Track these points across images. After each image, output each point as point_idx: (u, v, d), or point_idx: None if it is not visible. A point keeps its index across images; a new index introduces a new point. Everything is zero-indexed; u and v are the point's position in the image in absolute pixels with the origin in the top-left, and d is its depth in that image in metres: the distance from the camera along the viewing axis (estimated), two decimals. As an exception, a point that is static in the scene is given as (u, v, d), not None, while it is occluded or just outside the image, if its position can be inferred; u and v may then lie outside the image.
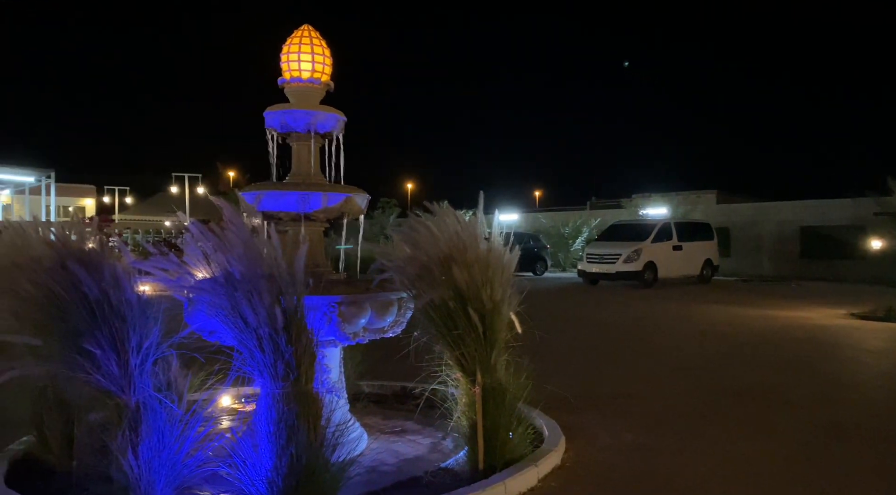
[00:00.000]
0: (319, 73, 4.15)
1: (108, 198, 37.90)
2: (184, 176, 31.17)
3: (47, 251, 3.20)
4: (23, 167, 24.07)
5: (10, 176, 24.24)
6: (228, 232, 3.22)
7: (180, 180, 31.50)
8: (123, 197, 38.51)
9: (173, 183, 32.27)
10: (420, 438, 4.38)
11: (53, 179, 24.52)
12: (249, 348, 3.12)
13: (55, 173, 24.64)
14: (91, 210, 37.14)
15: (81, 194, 37.45)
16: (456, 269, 3.53)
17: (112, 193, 37.65)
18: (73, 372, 3.12)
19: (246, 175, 23.67)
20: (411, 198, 43.91)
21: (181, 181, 31.39)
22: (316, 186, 4.07)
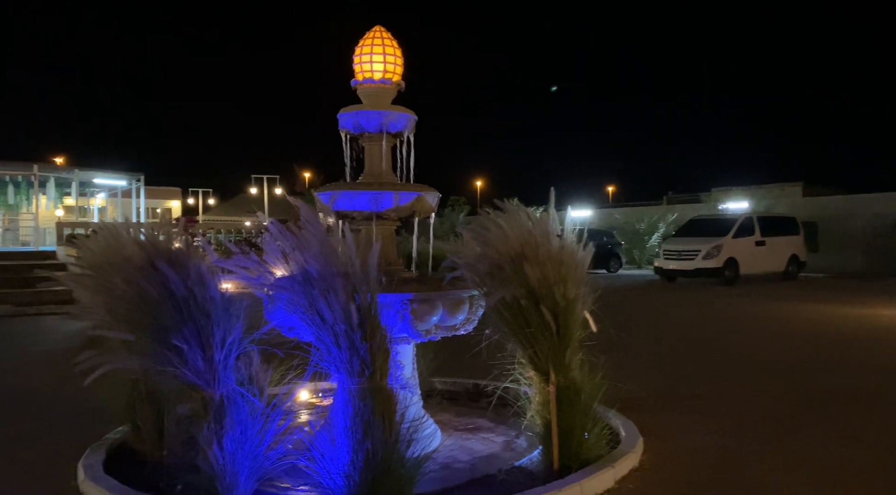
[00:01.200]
0: (391, 74, 4.20)
1: (193, 200, 39.76)
2: (262, 177, 32.36)
3: (138, 251, 3.37)
4: (116, 172, 25.58)
5: (104, 180, 25.80)
6: (305, 231, 3.30)
7: (259, 182, 32.75)
8: (206, 198, 40.31)
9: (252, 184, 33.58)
10: (493, 436, 4.37)
11: (143, 183, 25.94)
12: (326, 344, 3.19)
13: (144, 177, 26.08)
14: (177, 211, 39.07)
15: (168, 196, 39.47)
16: (528, 267, 3.49)
17: (196, 195, 39.48)
18: (163, 366, 3.28)
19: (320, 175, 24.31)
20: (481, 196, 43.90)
21: (260, 182, 32.64)
22: (388, 186, 4.12)
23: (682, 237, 18.40)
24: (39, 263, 16.28)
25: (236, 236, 20.37)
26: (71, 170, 24.07)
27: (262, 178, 32.69)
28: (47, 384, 6.22)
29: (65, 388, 5.81)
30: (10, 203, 25.14)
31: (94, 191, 28.80)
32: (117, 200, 29.73)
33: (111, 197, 30.36)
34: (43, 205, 24.18)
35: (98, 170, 24.77)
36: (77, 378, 3.45)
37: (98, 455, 3.76)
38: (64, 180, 24.52)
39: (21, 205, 25.49)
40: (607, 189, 51.31)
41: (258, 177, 32.98)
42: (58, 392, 5.76)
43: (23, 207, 25.55)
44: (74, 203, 27.04)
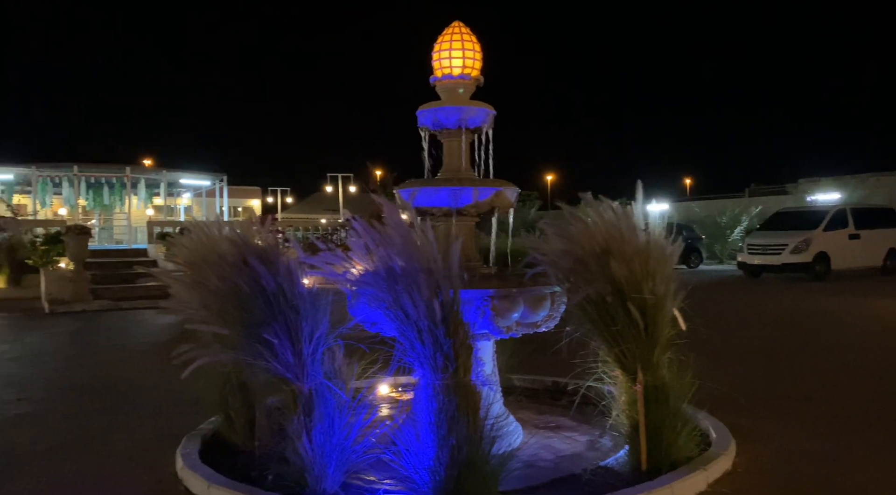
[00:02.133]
0: (470, 69, 4.18)
1: (272, 199, 41.15)
2: (337, 176, 33.12)
3: (231, 248, 3.49)
4: (201, 172, 26.79)
5: (190, 180, 27.06)
6: (388, 228, 3.34)
7: (334, 180, 33.53)
8: (284, 197, 41.64)
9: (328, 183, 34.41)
10: (576, 435, 4.29)
11: (226, 182, 27.05)
12: (410, 340, 3.21)
13: (227, 177, 27.18)
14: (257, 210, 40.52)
15: (248, 195, 40.97)
16: (614, 263, 3.40)
17: (275, 194, 40.85)
18: (255, 359, 3.39)
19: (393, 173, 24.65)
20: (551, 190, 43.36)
21: (335, 181, 33.40)
22: (467, 182, 4.11)
23: (768, 230, 17.56)
24: (132, 260, 17.25)
25: (314, 233, 20.90)
26: (160, 172, 25.38)
27: (336, 177, 33.47)
28: (143, 375, 6.57)
29: (159, 379, 6.11)
30: (106, 203, 26.73)
31: (180, 190, 30.26)
32: (202, 200, 31.14)
33: (196, 196, 31.81)
34: (134, 205, 25.61)
35: (184, 171, 26.01)
36: (170, 369, 3.62)
37: (194, 444, 3.92)
38: (153, 181, 25.87)
39: (115, 205, 27.06)
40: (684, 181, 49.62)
41: (333, 175, 33.82)
42: (153, 382, 6.07)
43: (116, 207, 27.14)
44: (163, 203, 28.47)
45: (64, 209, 26.06)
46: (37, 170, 23.12)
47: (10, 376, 6.51)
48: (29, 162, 23.21)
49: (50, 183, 24.35)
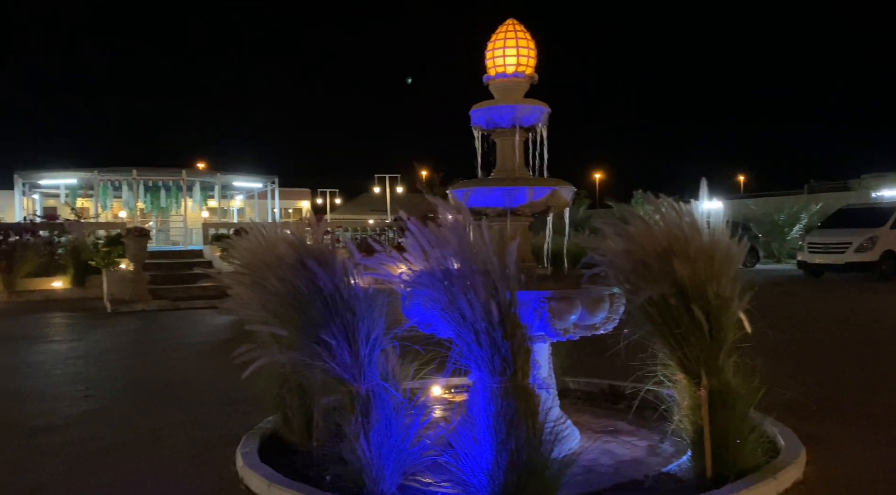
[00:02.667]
0: (524, 67, 4.12)
1: (321, 200, 41.81)
2: (384, 176, 33.44)
3: (289, 250, 3.53)
4: (253, 175, 27.39)
5: (243, 183, 27.72)
6: (444, 228, 3.31)
7: (381, 181, 33.84)
8: (333, 198, 42.23)
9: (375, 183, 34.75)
10: (635, 440, 4.19)
11: (277, 185, 27.59)
12: (467, 342, 3.17)
13: (278, 179, 27.73)
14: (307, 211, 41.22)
15: (298, 197, 41.72)
16: (677, 263, 3.29)
17: (324, 195, 41.49)
18: (313, 360, 3.42)
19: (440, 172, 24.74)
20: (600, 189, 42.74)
21: (382, 181, 33.72)
22: (521, 181, 4.06)
23: (830, 228, 16.89)
24: (189, 261, 17.76)
25: (362, 233, 21.12)
26: (214, 175, 26.07)
27: (384, 177, 33.77)
28: (202, 373, 6.73)
29: (217, 377, 6.26)
30: (162, 206, 27.61)
31: (233, 193, 31.03)
32: (254, 202, 31.86)
33: (248, 198, 32.58)
34: (190, 207, 26.37)
35: (237, 174, 26.66)
36: (227, 368, 3.67)
37: (252, 443, 3.98)
38: (208, 184, 26.60)
39: (171, 207, 27.93)
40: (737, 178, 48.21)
41: (380, 176, 34.14)
42: (212, 380, 6.21)
43: (172, 210, 28.00)
44: (217, 205, 29.25)
45: (124, 212, 27.02)
46: (98, 175, 24.05)
47: (77, 373, 6.76)
48: (91, 167, 24.17)
49: (110, 186, 25.30)
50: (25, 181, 25.50)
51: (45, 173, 25.04)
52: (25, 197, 26.42)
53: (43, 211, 27.93)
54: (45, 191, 27.58)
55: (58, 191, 26.54)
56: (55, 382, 6.32)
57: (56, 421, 4.94)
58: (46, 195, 28.55)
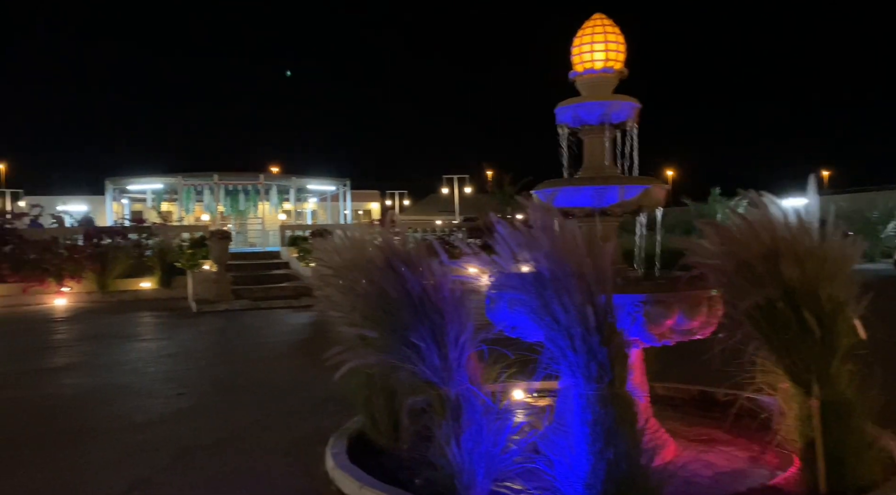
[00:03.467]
0: (613, 62, 4.00)
1: (390, 202, 42.38)
2: (452, 177, 33.54)
3: (377, 253, 3.54)
4: (326, 178, 28.02)
5: (317, 186, 28.40)
6: (535, 230, 3.24)
7: (449, 182, 33.98)
8: (402, 199, 42.72)
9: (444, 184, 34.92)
10: (734, 450, 3.98)
11: (349, 187, 28.12)
12: (561, 347, 3.09)
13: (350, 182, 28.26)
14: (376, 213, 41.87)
15: (368, 199, 42.44)
16: (785, 264, 3.10)
17: (392, 197, 42.03)
18: (402, 362, 3.41)
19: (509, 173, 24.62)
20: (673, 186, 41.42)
21: (450, 182, 33.85)
22: (612, 180, 3.93)
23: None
24: (267, 262, 18.33)
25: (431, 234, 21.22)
26: (289, 178, 26.82)
27: (452, 178, 33.89)
28: (286, 372, 6.89)
29: (302, 376, 6.39)
30: (241, 209, 28.63)
31: (307, 195, 31.86)
32: (326, 204, 32.60)
33: (321, 201, 33.36)
34: (267, 210, 27.24)
35: (311, 178, 27.33)
36: (311, 367, 3.71)
37: (341, 444, 4.01)
38: (283, 187, 27.39)
39: (249, 210, 28.92)
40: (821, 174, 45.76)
41: (449, 177, 34.27)
42: (297, 379, 6.35)
43: (250, 213, 28.99)
44: (292, 208, 30.07)
45: (206, 215, 28.16)
46: (182, 180, 25.17)
47: (168, 371, 7.05)
48: (174, 172, 25.32)
49: (193, 191, 26.41)
50: (115, 187, 27.00)
51: (133, 179, 26.43)
52: (115, 202, 27.98)
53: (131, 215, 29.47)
54: (133, 195, 29.13)
55: (144, 195, 27.97)
56: (149, 379, 6.61)
57: (154, 417, 5.15)
58: (134, 199, 30.15)
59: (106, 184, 26.71)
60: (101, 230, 18.11)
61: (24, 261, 15.54)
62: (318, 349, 3.74)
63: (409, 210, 45.66)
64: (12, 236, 16.35)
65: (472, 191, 35.49)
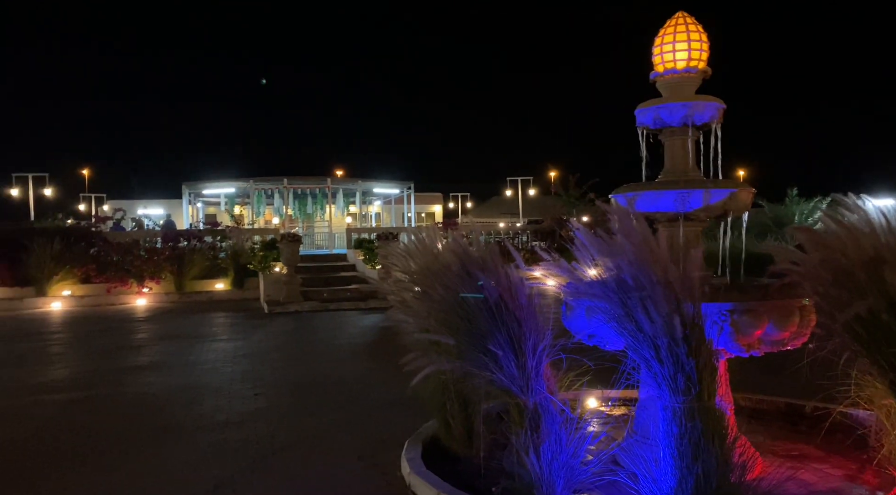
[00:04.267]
0: (696, 61, 3.86)
1: (452, 204, 42.49)
2: (517, 179, 33.38)
3: (454, 259, 3.52)
4: (390, 181, 28.36)
5: (382, 189, 28.79)
6: (617, 235, 3.15)
7: (513, 184, 33.83)
8: (465, 202, 42.78)
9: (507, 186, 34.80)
10: (827, 467, 3.76)
11: (413, 190, 28.37)
12: (645, 358, 2.99)
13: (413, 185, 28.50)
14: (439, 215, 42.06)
15: (431, 201, 42.71)
16: (890, 273, 2.90)
17: (455, 199, 42.14)
18: (480, 370, 3.38)
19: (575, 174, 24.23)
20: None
21: (514, 184, 33.69)
22: (696, 183, 3.78)
23: None
24: (334, 265, 18.69)
25: (496, 237, 21.14)
26: (355, 182, 27.29)
27: (516, 181, 33.71)
28: (358, 374, 6.98)
29: (374, 378, 6.46)
30: (309, 212, 29.33)
31: (372, 198, 32.35)
32: (390, 206, 33.00)
33: (385, 203, 33.80)
34: (333, 213, 27.80)
35: (376, 181, 27.72)
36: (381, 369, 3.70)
37: (415, 449, 4.02)
38: (349, 191, 27.90)
39: (316, 213, 29.59)
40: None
41: (512, 179, 34.10)
42: (368, 381, 6.42)
43: (317, 216, 29.66)
44: (357, 210, 30.59)
45: (276, 218, 28.99)
46: (254, 184, 25.99)
47: (245, 371, 7.26)
48: (247, 177, 26.18)
49: (264, 195, 27.24)
50: (191, 191, 28.15)
51: (208, 184, 27.49)
52: (191, 205, 29.17)
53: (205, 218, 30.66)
54: (207, 199, 30.30)
55: (218, 199, 29.04)
56: (227, 379, 6.82)
57: (233, 418, 5.30)
58: (208, 203, 31.37)
59: (183, 188, 27.88)
60: (179, 233, 18.88)
61: (108, 263, 16.37)
62: (388, 351, 3.78)
63: (472, 212, 45.66)
64: (97, 239, 17.26)
65: (537, 193, 35.14)
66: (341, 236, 23.40)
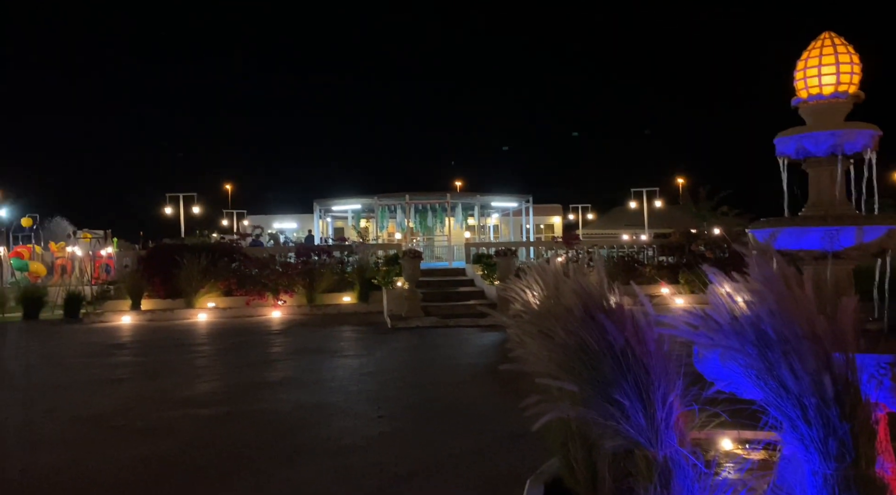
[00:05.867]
0: (846, 85, 3.52)
1: (572, 216, 41.74)
2: (641, 191, 32.22)
3: (576, 301, 3.43)
4: (509, 194, 28.37)
5: (500, 202, 28.85)
6: (756, 280, 2.93)
7: (638, 195, 32.69)
8: (585, 213, 41.89)
9: (631, 198, 33.66)
10: None
11: (531, 203, 28.20)
12: (790, 417, 2.75)
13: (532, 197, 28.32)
14: (558, 228, 41.48)
15: (550, 213, 42.22)
16: None
17: (575, 210, 41.36)
18: (605, 419, 3.26)
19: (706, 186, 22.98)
20: None
21: (638, 195, 32.56)
22: (847, 219, 3.45)
23: None
24: (453, 279, 18.92)
25: (619, 251, 20.51)
26: (474, 196, 27.57)
27: (641, 192, 32.56)
28: (479, 398, 6.99)
29: (494, 405, 6.45)
30: (428, 226, 29.97)
31: (489, 212, 32.51)
32: (508, 219, 32.99)
33: (503, 216, 33.84)
34: (452, 226, 28.23)
35: (494, 195, 27.84)
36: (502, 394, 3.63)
37: (537, 490, 3.95)
38: (468, 205, 28.22)
39: (435, 227, 30.18)
40: None
41: (637, 190, 32.96)
42: (489, 407, 6.42)
43: (437, 229, 30.23)
44: (475, 223, 30.86)
45: (398, 233, 29.92)
46: (378, 200, 26.98)
47: (369, 391, 7.50)
48: (372, 193, 27.24)
49: (387, 210, 28.20)
50: (321, 207, 29.71)
51: (337, 200, 28.90)
52: (321, 219, 30.78)
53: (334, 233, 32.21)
54: (335, 214, 31.82)
55: (345, 214, 30.42)
56: (353, 399, 7.08)
57: (358, 440, 5.48)
58: (336, 218, 32.93)
59: (314, 204, 29.49)
60: (310, 248, 19.95)
61: (247, 277, 17.60)
62: (509, 376, 3.75)
63: (593, 224, 44.61)
64: (238, 254, 18.61)
65: (663, 205, 33.70)
66: (460, 249, 23.67)
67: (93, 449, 5.41)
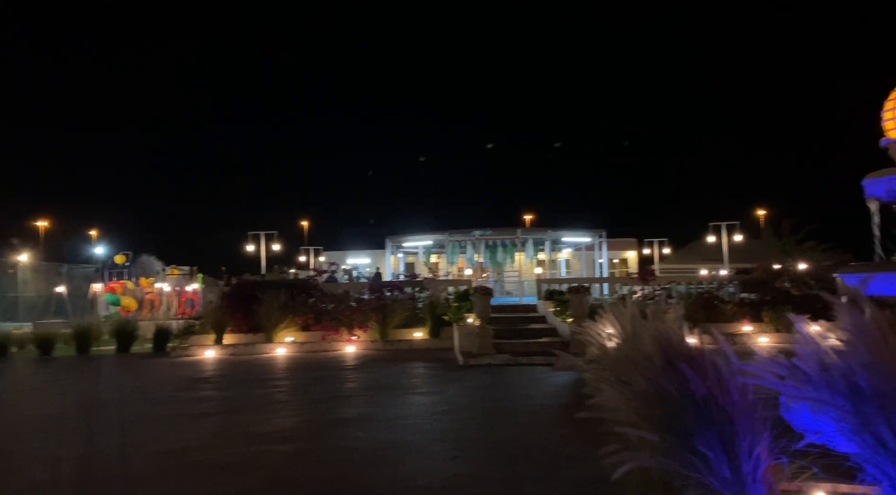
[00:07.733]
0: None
1: (648, 250, 40.75)
2: (720, 224, 31.20)
3: (656, 349, 3.39)
4: (581, 229, 28.11)
5: (572, 237, 28.59)
6: (848, 331, 2.83)
7: (716, 229, 31.65)
8: (661, 248, 40.82)
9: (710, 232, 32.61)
10: None
11: (605, 238, 27.81)
12: (890, 477, 2.61)
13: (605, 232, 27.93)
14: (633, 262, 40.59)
15: (624, 247, 41.47)
16: None
17: (650, 245, 40.38)
18: (687, 470, 3.18)
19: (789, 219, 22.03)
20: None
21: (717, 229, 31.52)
22: (946, 264, 3.28)
23: None
24: (525, 316, 18.78)
25: (697, 287, 19.84)
26: (545, 231, 27.49)
27: (719, 226, 31.53)
28: (554, 441, 6.89)
29: (569, 448, 6.33)
30: (499, 261, 29.97)
31: (561, 246, 32.23)
32: (581, 254, 32.58)
33: (575, 251, 33.46)
34: (522, 261, 28.14)
35: (566, 230, 27.66)
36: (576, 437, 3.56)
37: (618, 541, 3.85)
38: (539, 240, 28.10)
39: (506, 262, 30.14)
40: None
41: (716, 224, 31.92)
42: (565, 452, 6.31)
43: (507, 264, 30.18)
44: (546, 258, 30.66)
45: (469, 269, 30.07)
46: (449, 236, 27.30)
47: (442, 430, 7.52)
48: (443, 229, 27.59)
49: (458, 246, 28.44)
50: (393, 243, 30.31)
51: (408, 237, 29.44)
52: (393, 255, 31.36)
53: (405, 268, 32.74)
54: (406, 250, 32.36)
55: (416, 250, 30.88)
56: (428, 439, 7.12)
57: (434, 483, 5.50)
58: (407, 253, 33.47)
59: (386, 241, 30.14)
60: (382, 284, 20.33)
61: (322, 312, 18.08)
62: (585, 420, 3.71)
63: (669, 259, 43.37)
64: (315, 290, 19.17)
65: (743, 239, 32.48)
66: (530, 284, 23.53)
67: (179, 485, 5.65)
